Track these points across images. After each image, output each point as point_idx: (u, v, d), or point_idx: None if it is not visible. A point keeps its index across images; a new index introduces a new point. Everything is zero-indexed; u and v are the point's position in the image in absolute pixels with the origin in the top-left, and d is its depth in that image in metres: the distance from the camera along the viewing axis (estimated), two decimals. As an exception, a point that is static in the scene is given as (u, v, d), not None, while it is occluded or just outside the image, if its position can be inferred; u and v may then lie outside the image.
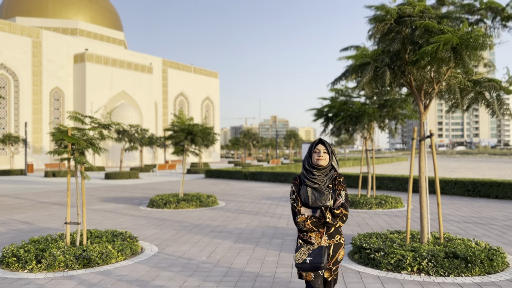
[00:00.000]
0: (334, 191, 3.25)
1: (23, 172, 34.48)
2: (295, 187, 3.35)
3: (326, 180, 3.26)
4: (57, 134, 6.79)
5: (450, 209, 12.06)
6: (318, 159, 3.27)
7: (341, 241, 3.31)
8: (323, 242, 3.22)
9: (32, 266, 6.08)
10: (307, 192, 3.23)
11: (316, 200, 3.20)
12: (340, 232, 3.31)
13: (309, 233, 3.25)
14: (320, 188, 3.23)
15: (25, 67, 48.25)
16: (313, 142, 3.36)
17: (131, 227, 9.53)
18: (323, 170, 3.28)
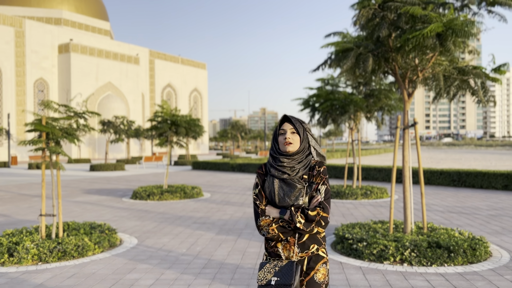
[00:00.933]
0: (310, 185, 2.35)
1: (7, 164, 33.86)
2: (259, 178, 2.46)
3: (299, 169, 2.36)
4: (30, 123, 6.53)
5: (435, 199, 12.05)
6: (285, 143, 2.36)
7: (320, 253, 2.36)
8: (294, 256, 2.32)
9: (4, 259, 5.85)
10: (273, 185, 2.36)
11: (285, 196, 2.32)
12: (318, 241, 2.37)
13: (275, 242, 2.38)
14: (290, 179, 2.34)
15: (8, 57, 47.23)
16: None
17: (112, 219, 9.32)
18: (295, 156, 2.38)
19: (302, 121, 2.48)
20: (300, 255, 2.33)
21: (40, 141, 6.56)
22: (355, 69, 5.96)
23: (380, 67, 6.16)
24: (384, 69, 6.38)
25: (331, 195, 10.91)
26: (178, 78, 69.00)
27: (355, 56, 5.70)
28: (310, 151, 2.46)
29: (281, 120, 2.47)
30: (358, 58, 5.83)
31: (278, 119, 25.76)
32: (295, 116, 2.47)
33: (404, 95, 6.35)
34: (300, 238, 2.33)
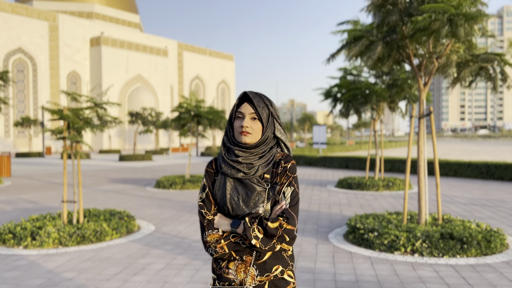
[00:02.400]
0: (273, 187, 1.76)
1: (41, 154, 35.17)
2: (207, 178, 1.85)
3: (258, 166, 1.77)
4: (52, 111, 6.79)
5: (459, 191, 11.76)
6: (242, 132, 1.75)
7: (286, 277, 1.77)
8: (249, 280, 1.73)
9: (27, 243, 6.15)
10: (225, 187, 1.77)
11: (240, 201, 1.74)
12: (284, 261, 1.78)
13: (225, 262, 1.78)
14: (247, 179, 1.76)
15: (43, 51, 48.83)
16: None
17: (133, 207, 9.58)
18: (254, 150, 1.78)
19: (268, 100, 1.83)
20: (258, 279, 1.73)
21: (60, 130, 6.81)
22: (363, 56, 5.88)
23: (392, 55, 6.05)
24: (398, 57, 6.26)
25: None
26: (206, 70, 69.54)
27: (365, 44, 5.62)
28: (276, 141, 1.86)
29: (239, 98, 1.83)
30: (368, 45, 5.75)
31: (307, 111, 25.93)
32: (259, 93, 1.84)
33: (420, 84, 6.22)
34: (260, 256, 1.73)
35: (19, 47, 46.93)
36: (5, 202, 10.53)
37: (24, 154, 34.53)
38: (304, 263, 5.19)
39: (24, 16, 47.28)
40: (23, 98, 47.94)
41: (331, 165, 20.63)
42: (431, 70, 6.18)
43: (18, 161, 29.51)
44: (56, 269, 5.11)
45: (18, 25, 46.73)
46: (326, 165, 20.89)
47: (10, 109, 46.46)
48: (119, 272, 4.95)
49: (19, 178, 16.94)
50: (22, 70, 47.63)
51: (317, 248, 5.89)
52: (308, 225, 7.46)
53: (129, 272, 4.94)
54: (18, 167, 23.33)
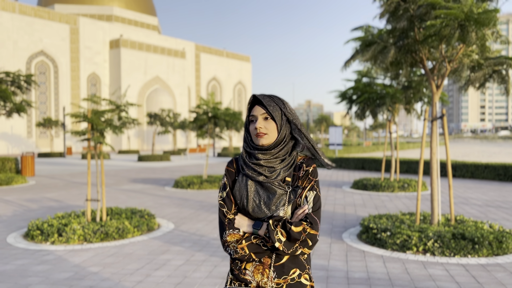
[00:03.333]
0: (294, 190, 1.78)
1: (62, 154, 36.03)
2: (228, 177, 1.87)
3: (280, 170, 1.78)
4: (75, 115, 7.12)
5: (476, 193, 11.75)
6: (257, 134, 1.77)
7: (303, 280, 1.79)
8: (268, 283, 1.76)
9: (54, 239, 6.48)
10: (247, 189, 1.78)
11: (262, 204, 1.76)
12: (301, 265, 1.80)
13: (244, 263, 1.80)
14: (268, 182, 1.77)
15: (64, 53, 49.97)
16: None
17: (153, 206, 9.89)
18: (274, 150, 1.79)
19: (280, 99, 1.84)
20: (276, 281, 1.75)
21: (84, 131, 7.15)
22: (376, 61, 6.04)
23: (405, 60, 6.19)
24: (411, 61, 6.40)
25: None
26: (222, 71, 70.05)
27: (377, 49, 5.78)
28: (297, 141, 1.85)
29: (250, 103, 1.84)
30: (381, 51, 5.91)
31: (324, 112, 25.99)
32: (269, 94, 1.86)
33: (432, 87, 6.34)
34: (278, 259, 1.76)
35: (41, 50, 48.14)
36: (31, 200, 10.97)
37: (45, 154, 35.44)
38: (318, 261, 5.37)
39: (46, 19, 48.48)
40: (44, 100, 49.14)
41: (347, 166, 20.69)
42: (444, 74, 6.29)
43: (41, 161, 30.33)
44: (82, 263, 5.40)
45: (40, 28, 47.95)
46: (342, 166, 20.96)
47: (33, 110, 47.67)
48: (141, 267, 5.22)
49: (42, 177, 17.50)
50: (44, 72, 48.83)
51: (331, 247, 6.06)
52: (323, 224, 7.63)
53: (151, 267, 5.21)
54: (41, 167, 24.02)
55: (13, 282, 4.70)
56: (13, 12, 45.93)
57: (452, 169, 16.27)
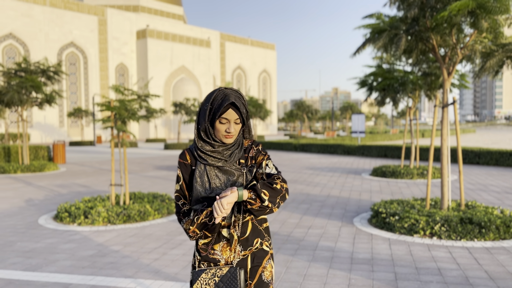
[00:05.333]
0: (250, 170, 1.94)
1: (92, 143, 37.22)
2: (182, 169, 1.96)
3: (235, 152, 1.94)
4: (100, 104, 7.53)
5: (496, 180, 11.64)
6: (227, 136, 1.88)
7: (264, 247, 1.98)
8: (234, 256, 1.91)
9: (80, 220, 6.95)
10: (207, 174, 1.88)
11: (223, 187, 1.89)
12: (261, 234, 1.97)
13: (211, 244, 1.92)
14: (226, 166, 1.91)
15: (93, 44, 51.20)
16: (213, 94, 1.90)
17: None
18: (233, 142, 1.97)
19: (243, 97, 1.95)
20: (242, 254, 1.91)
21: (108, 120, 7.56)
22: (387, 48, 6.13)
23: (417, 47, 6.26)
24: (424, 48, 6.46)
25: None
26: (247, 60, 70.16)
27: (388, 36, 5.87)
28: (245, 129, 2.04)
29: (223, 103, 1.85)
30: (392, 38, 6.00)
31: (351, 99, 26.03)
32: (237, 93, 1.92)
33: (444, 74, 6.40)
34: (243, 234, 1.90)
35: (71, 41, 49.49)
36: (61, 186, 11.59)
37: (76, 143, 36.71)
38: (326, 243, 5.60)
39: (75, 11, 49.71)
40: (75, 90, 50.65)
41: (370, 154, 20.65)
42: (456, 61, 6.33)
43: (72, 149, 31.48)
44: (105, 243, 5.82)
45: (70, 20, 49.24)
46: (365, 154, 20.92)
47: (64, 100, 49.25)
48: (159, 247, 5.58)
49: (72, 165, 18.29)
50: (74, 63, 50.25)
51: (340, 230, 6.28)
52: (336, 210, 7.83)
53: (168, 247, 5.57)
54: (72, 154, 25.00)
55: (43, 258, 5.15)
56: (44, 5, 47.31)
57: (476, 157, 16.05)
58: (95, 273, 4.55)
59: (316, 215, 7.39)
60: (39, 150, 18.46)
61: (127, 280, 4.33)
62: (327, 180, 12.04)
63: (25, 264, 4.90)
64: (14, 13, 45.19)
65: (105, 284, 4.22)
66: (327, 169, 14.98)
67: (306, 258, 4.95)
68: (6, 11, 44.60)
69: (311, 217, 7.25)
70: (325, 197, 9.21)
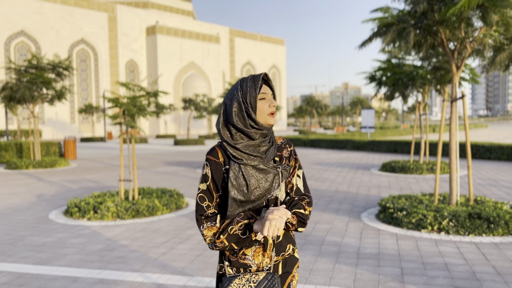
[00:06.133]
0: (285, 169, 1.76)
1: (103, 139, 37.54)
2: (212, 168, 1.74)
3: (271, 150, 1.76)
4: (109, 100, 7.59)
5: (508, 175, 11.51)
6: (272, 112, 1.73)
7: (295, 254, 1.86)
8: (267, 261, 1.75)
9: (90, 215, 7.04)
10: (244, 176, 1.69)
11: (261, 188, 1.69)
12: (292, 240, 1.84)
13: (242, 249, 1.74)
14: (262, 164, 1.72)
15: (103, 41, 51.51)
16: (238, 82, 1.75)
17: (184, 187, 10.37)
18: (268, 132, 1.77)
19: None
20: (275, 259, 1.76)
21: (117, 115, 7.62)
22: (398, 42, 6.08)
23: (426, 41, 6.20)
24: (433, 42, 6.39)
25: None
26: (256, 56, 70.04)
27: (396, 31, 5.83)
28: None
29: (258, 79, 1.71)
30: (400, 32, 5.95)
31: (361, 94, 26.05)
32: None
33: (453, 68, 6.33)
34: (277, 237, 1.76)
35: (82, 38, 49.85)
36: (72, 181, 11.73)
37: (87, 139, 37.06)
38: (333, 238, 5.61)
39: (85, 8, 50.04)
40: (86, 86, 51.07)
41: (379, 149, 20.54)
42: (465, 55, 6.26)
43: (82, 145, 31.80)
44: (114, 237, 5.89)
45: (80, 17, 49.58)
46: (374, 149, 20.82)
47: (75, 96, 49.70)
48: (167, 241, 5.64)
49: (83, 160, 18.49)
50: (84, 60, 50.64)
51: (347, 225, 6.27)
52: (343, 205, 7.82)
53: (175, 241, 5.62)
54: (83, 150, 25.25)
55: (53, 252, 5.23)
56: (55, 2, 47.68)
57: (487, 152, 15.87)
58: (103, 267, 4.62)
59: (323, 210, 7.39)
60: (50, 146, 18.69)
61: (134, 274, 4.39)
62: (335, 176, 12.01)
63: (35, 258, 4.99)
64: (26, 10, 45.64)
65: (113, 278, 4.28)
66: (336, 165, 14.94)
67: (312, 253, 4.96)
68: (17, 8, 45.07)
69: (319, 212, 7.25)
70: (333, 193, 9.20)
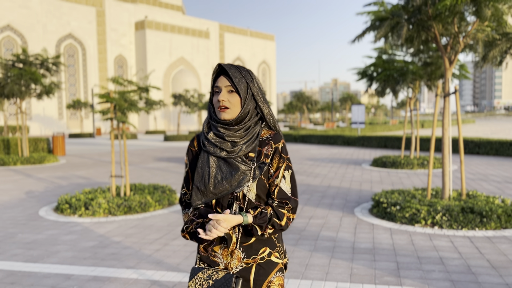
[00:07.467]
0: (260, 167, 1.64)
1: (92, 135, 37.16)
2: (189, 155, 1.78)
3: (242, 145, 1.66)
4: (100, 95, 7.48)
5: (497, 170, 11.64)
6: (219, 107, 1.65)
7: (273, 258, 1.70)
8: (236, 263, 1.66)
9: (81, 212, 6.94)
10: (208, 165, 1.66)
11: (223, 181, 1.63)
12: (271, 243, 1.70)
13: (211, 245, 1.68)
14: (231, 158, 1.64)
15: (91, 36, 50.89)
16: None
17: (175, 183, 10.30)
18: (236, 127, 1.66)
19: (248, 71, 1.70)
20: (245, 261, 1.65)
21: (108, 111, 7.51)
22: (391, 37, 6.08)
23: (419, 35, 6.21)
24: (426, 37, 6.40)
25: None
26: (246, 51, 69.85)
27: (390, 25, 5.82)
28: (261, 115, 1.73)
29: (215, 72, 1.69)
30: (394, 27, 5.95)
31: (351, 90, 26.24)
32: (237, 65, 1.71)
33: (445, 63, 6.35)
34: (245, 239, 1.65)
35: (70, 33, 49.19)
36: (61, 178, 11.58)
37: (76, 135, 36.65)
38: (327, 233, 5.60)
39: (73, 2, 49.35)
40: (74, 82, 50.46)
41: (369, 144, 20.64)
42: (457, 50, 6.28)
43: (71, 141, 31.45)
44: (106, 234, 5.81)
45: (68, 11, 48.89)
46: (365, 144, 20.91)
47: (63, 92, 49.09)
48: (161, 237, 5.58)
49: (72, 156, 18.27)
50: (72, 55, 50.00)
51: (341, 220, 6.27)
52: (336, 200, 7.83)
53: (169, 238, 5.56)
54: (71, 147, 24.97)
55: (44, 249, 5.14)
56: (42, -4, 46.94)
57: (476, 147, 16.04)
58: (97, 264, 4.55)
59: (317, 205, 7.39)
60: (38, 142, 18.43)
61: (129, 271, 4.33)
62: (327, 171, 12.03)
63: (26, 256, 4.90)
64: (12, 4, 44.85)
65: (106, 275, 4.22)
66: (327, 160, 14.97)
67: (308, 248, 4.95)
68: (3, 2, 44.26)
69: (312, 207, 7.24)
70: (325, 188, 9.21)
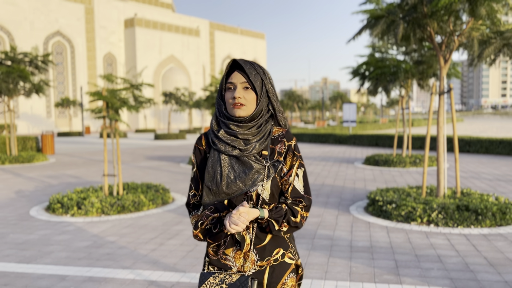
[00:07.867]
0: (273, 165, 1.60)
1: (81, 133, 36.78)
2: (196, 155, 1.72)
3: (255, 142, 1.62)
4: (92, 93, 7.37)
5: (488, 168, 11.75)
6: (234, 104, 1.60)
7: (286, 259, 1.67)
8: (249, 266, 1.62)
9: (73, 211, 6.83)
10: (220, 164, 1.61)
11: (237, 180, 1.58)
12: (284, 244, 1.67)
13: (222, 248, 1.65)
14: (244, 156, 1.60)
15: (80, 33, 50.33)
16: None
17: (168, 181, 10.21)
18: (249, 124, 1.62)
19: (261, 67, 1.66)
20: (258, 264, 1.62)
21: (100, 109, 7.41)
22: (386, 36, 6.08)
23: (414, 34, 6.21)
24: (421, 36, 6.41)
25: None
26: (237, 49, 69.69)
27: (386, 23, 5.81)
28: (272, 113, 1.70)
29: (228, 67, 1.65)
30: (390, 25, 5.94)
31: (340, 89, 26.35)
32: (250, 61, 1.67)
33: (440, 61, 6.36)
34: (259, 241, 1.62)
35: (58, 30, 48.57)
36: (51, 177, 11.41)
37: (65, 134, 36.23)
38: (324, 231, 5.58)
39: (61, -1, 48.72)
40: (62, 80, 49.86)
41: (361, 143, 20.72)
42: (452, 48, 6.30)
43: (60, 140, 31.07)
44: (100, 233, 5.73)
45: (56, 8, 48.26)
46: (356, 143, 20.99)
47: (51, 90, 48.46)
48: (156, 237, 5.51)
49: (62, 155, 18.04)
50: (60, 52, 49.39)
51: (337, 219, 6.26)
52: (331, 198, 7.82)
53: (164, 237, 5.50)
54: (61, 145, 24.66)
55: (37, 250, 5.04)
56: (29, -7, 46.26)
57: (466, 145, 16.18)
58: (92, 264, 4.47)
59: (312, 203, 7.36)
60: (27, 141, 18.16)
61: (125, 271, 4.26)
62: (320, 169, 12.04)
63: (19, 256, 4.80)
64: (-2, 1, 44.14)
65: (102, 276, 4.14)
66: (320, 158, 14.99)
67: (305, 247, 4.92)
68: (-11, -1, 43.55)
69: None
70: (319, 186, 9.20)
